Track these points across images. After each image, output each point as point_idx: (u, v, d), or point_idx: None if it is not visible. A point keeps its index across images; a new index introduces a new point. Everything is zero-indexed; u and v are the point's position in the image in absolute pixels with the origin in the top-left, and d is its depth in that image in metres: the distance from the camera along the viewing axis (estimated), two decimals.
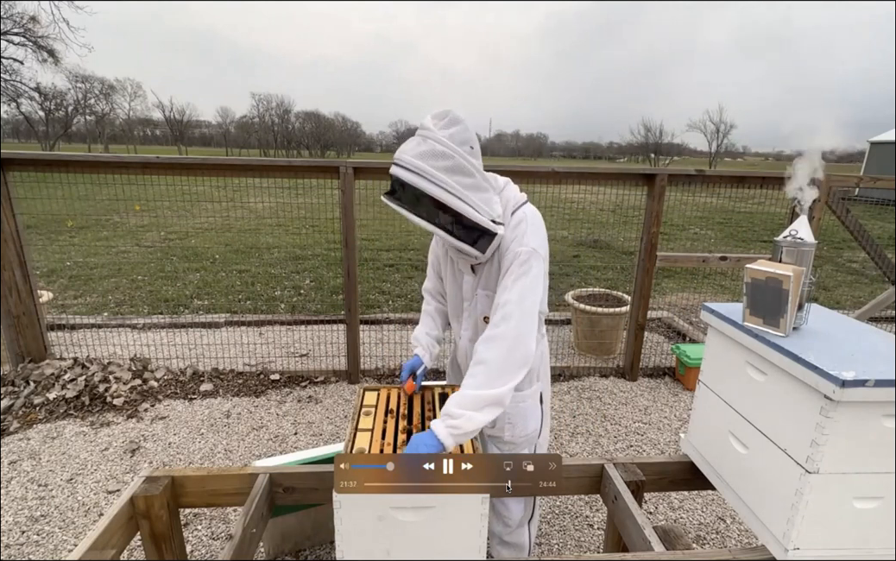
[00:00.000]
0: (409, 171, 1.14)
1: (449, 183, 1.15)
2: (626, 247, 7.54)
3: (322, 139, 73.42)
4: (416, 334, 1.63)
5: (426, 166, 1.14)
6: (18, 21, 26.84)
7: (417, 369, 1.55)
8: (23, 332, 3.16)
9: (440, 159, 1.15)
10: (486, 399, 1.20)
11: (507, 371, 1.22)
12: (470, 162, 1.18)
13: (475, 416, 1.18)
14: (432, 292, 1.67)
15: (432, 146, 1.15)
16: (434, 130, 1.17)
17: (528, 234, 1.29)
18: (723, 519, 2.24)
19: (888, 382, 1.06)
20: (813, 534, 1.18)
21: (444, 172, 1.15)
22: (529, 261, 1.26)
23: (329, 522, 1.99)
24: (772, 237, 1.42)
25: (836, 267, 7.37)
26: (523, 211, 1.34)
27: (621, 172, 3.40)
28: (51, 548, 1.98)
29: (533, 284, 1.27)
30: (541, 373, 1.54)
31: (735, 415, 1.40)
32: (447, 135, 1.16)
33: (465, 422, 1.17)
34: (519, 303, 1.24)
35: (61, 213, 3.43)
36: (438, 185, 1.14)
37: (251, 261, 6.63)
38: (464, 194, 1.17)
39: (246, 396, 3.19)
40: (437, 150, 1.15)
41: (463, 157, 1.16)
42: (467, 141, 1.19)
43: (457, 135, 1.17)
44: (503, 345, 1.23)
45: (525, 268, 1.26)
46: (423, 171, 1.14)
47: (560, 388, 3.41)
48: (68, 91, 48.02)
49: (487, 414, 1.20)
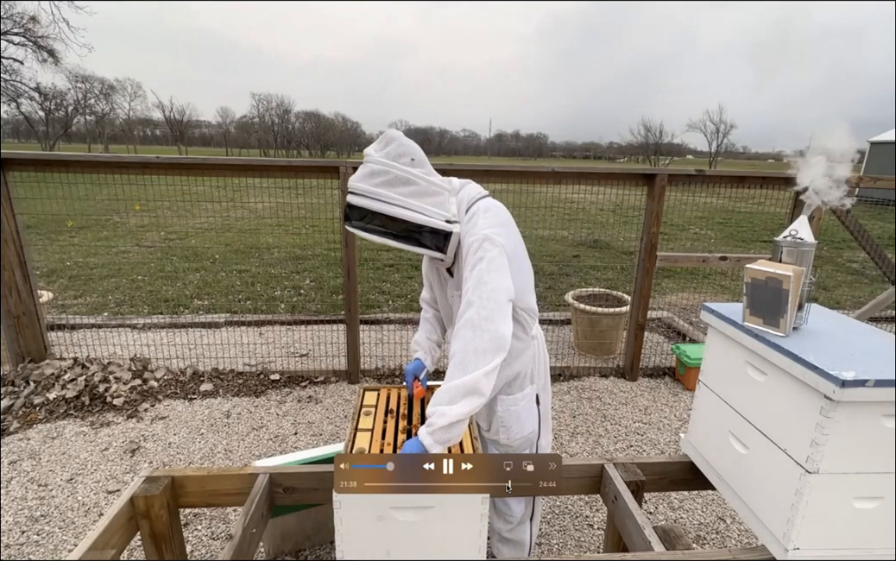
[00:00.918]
0: (355, 194, 1.26)
1: (390, 195, 1.25)
2: (626, 247, 7.54)
3: (322, 139, 73.46)
4: (417, 339, 1.65)
5: (367, 186, 1.25)
6: (18, 21, 26.86)
7: (420, 373, 1.55)
8: (23, 332, 3.16)
9: (379, 176, 1.25)
10: (459, 389, 1.18)
11: (475, 356, 1.20)
12: (409, 171, 1.27)
13: (448, 409, 1.17)
14: (429, 301, 1.71)
15: (371, 168, 1.26)
16: (373, 154, 1.29)
17: (479, 223, 1.32)
18: (723, 519, 2.24)
19: (888, 382, 1.06)
20: (813, 534, 1.18)
21: (384, 187, 1.25)
22: (483, 246, 1.27)
23: (329, 522, 1.99)
24: (772, 237, 1.42)
25: (836, 267, 7.37)
26: (477, 205, 1.38)
27: (621, 172, 3.40)
28: (51, 548, 1.98)
29: (489, 267, 1.26)
30: (535, 375, 1.54)
31: (735, 415, 1.40)
32: (383, 154, 1.28)
33: (437, 418, 1.17)
34: (477, 287, 1.25)
35: (61, 213, 3.43)
36: (379, 199, 1.24)
37: (251, 261, 6.62)
38: (406, 202, 1.26)
39: (246, 396, 3.19)
40: (375, 170, 1.26)
41: (399, 170, 1.26)
42: (404, 154, 1.29)
43: (392, 151, 1.28)
44: (467, 331, 1.23)
45: (479, 254, 1.27)
46: (365, 192, 1.25)
47: (560, 388, 3.41)
48: (68, 91, 48.10)
49: (464, 405, 1.18)
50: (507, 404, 1.49)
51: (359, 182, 1.26)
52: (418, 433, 1.19)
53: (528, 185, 3.45)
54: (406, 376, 1.54)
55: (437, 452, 1.17)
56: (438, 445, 1.17)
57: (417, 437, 1.19)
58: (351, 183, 1.26)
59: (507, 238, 1.33)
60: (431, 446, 1.16)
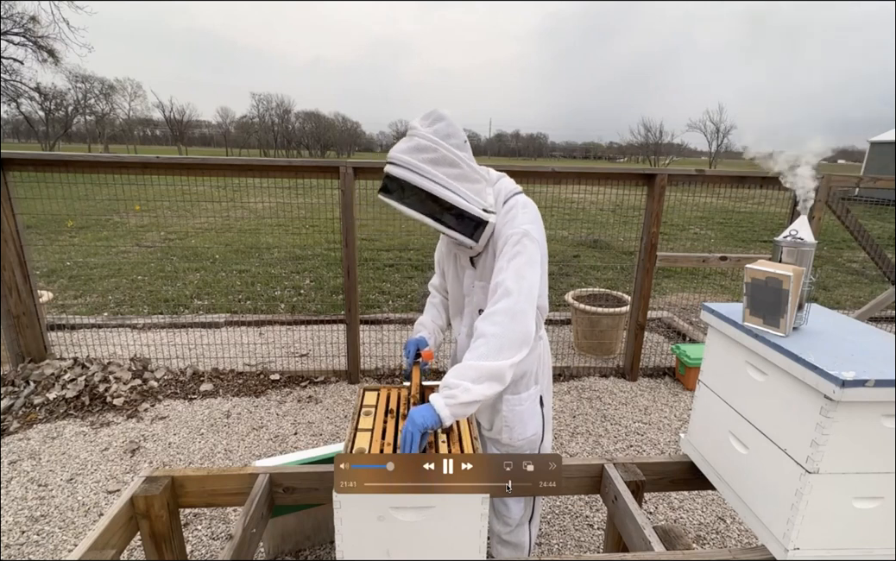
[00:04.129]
0: (398, 166, 1.21)
1: (434, 174, 1.22)
2: (626, 247, 7.54)
3: (322, 139, 73.45)
4: (422, 320, 1.63)
5: (413, 160, 1.21)
6: (18, 21, 26.84)
7: (422, 348, 1.52)
8: (23, 332, 3.16)
9: (425, 153, 1.22)
10: (485, 371, 1.18)
11: (507, 345, 1.20)
12: (455, 154, 1.24)
13: (472, 387, 1.16)
14: (438, 288, 1.70)
15: (418, 142, 1.22)
16: (420, 128, 1.25)
17: (519, 217, 1.32)
18: (723, 519, 2.24)
19: (888, 382, 1.06)
20: (813, 534, 1.17)
21: (430, 164, 1.22)
22: (522, 241, 1.27)
23: (329, 522, 1.99)
24: (772, 237, 1.42)
25: (836, 267, 7.37)
26: (515, 199, 1.37)
27: (621, 172, 3.40)
28: (51, 548, 1.98)
29: (529, 263, 1.27)
30: (540, 376, 1.53)
31: (735, 415, 1.40)
32: (432, 131, 1.24)
33: (461, 392, 1.15)
34: (517, 280, 1.24)
35: (61, 213, 3.44)
36: (424, 176, 1.21)
37: (251, 261, 6.62)
38: (450, 184, 1.23)
39: (246, 396, 3.19)
40: (423, 145, 1.22)
41: (447, 150, 1.23)
42: (452, 135, 1.25)
43: (441, 130, 1.25)
44: (503, 319, 1.22)
45: (519, 248, 1.27)
46: (409, 165, 1.21)
47: (560, 388, 3.41)
48: (68, 91, 48.09)
49: (486, 388, 1.18)
50: (511, 404, 1.48)
51: (404, 154, 1.22)
52: (431, 399, 1.17)
53: (528, 185, 3.44)
54: (408, 346, 1.50)
55: (448, 423, 1.15)
56: (451, 418, 1.16)
57: (430, 403, 1.16)
58: (394, 154, 1.23)
59: (542, 237, 1.35)
60: (445, 418, 1.15)
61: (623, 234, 6.79)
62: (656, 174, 3.20)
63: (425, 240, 7.63)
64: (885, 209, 10.93)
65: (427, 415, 1.15)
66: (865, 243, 3.60)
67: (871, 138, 20.41)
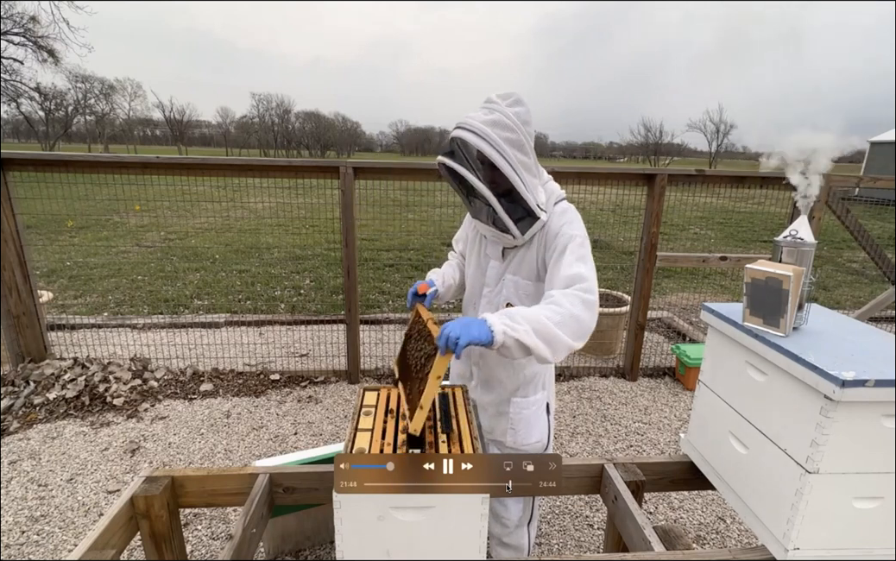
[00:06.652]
0: (476, 134, 1.19)
1: (509, 154, 1.20)
2: (626, 247, 7.53)
3: (322, 139, 73.48)
4: (435, 270, 1.61)
5: (492, 133, 1.18)
6: (18, 21, 26.85)
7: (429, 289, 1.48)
8: (23, 332, 3.16)
9: (505, 131, 1.20)
10: (548, 333, 1.12)
11: (573, 326, 1.15)
12: (529, 143, 1.23)
13: (532, 335, 1.11)
14: (457, 255, 1.68)
15: (500, 118, 1.20)
16: (502, 105, 1.22)
17: (576, 222, 1.32)
18: (723, 519, 2.24)
19: (888, 382, 1.06)
20: (813, 534, 1.17)
21: (507, 144, 1.20)
22: (586, 244, 1.28)
23: (329, 522, 1.99)
24: (772, 237, 1.42)
25: (836, 267, 7.37)
26: (566, 203, 1.37)
27: (621, 172, 3.40)
28: (51, 548, 1.98)
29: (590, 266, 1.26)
30: (547, 382, 1.53)
31: (735, 415, 1.40)
32: (513, 112, 1.21)
33: (522, 332, 1.10)
34: (594, 278, 1.23)
35: (61, 213, 3.44)
36: (501, 153, 1.19)
37: (251, 261, 6.62)
38: (518, 169, 1.22)
39: (246, 396, 3.19)
40: (504, 123, 1.20)
41: (525, 136, 1.22)
42: (529, 123, 1.24)
43: (521, 114, 1.23)
44: (584, 305, 1.18)
45: (584, 250, 1.27)
46: (488, 137, 1.18)
47: (560, 388, 3.41)
48: (68, 91, 48.13)
49: (541, 347, 1.12)
50: (519, 406, 1.47)
51: (482, 124, 1.18)
52: (488, 319, 1.11)
53: None
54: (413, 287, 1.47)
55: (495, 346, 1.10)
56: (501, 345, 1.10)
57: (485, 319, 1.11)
58: (473, 123, 1.19)
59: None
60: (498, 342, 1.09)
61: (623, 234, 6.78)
62: (656, 174, 3.20)
63: (425, 240, 7.63)
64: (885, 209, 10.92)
65: (482, 330, 1.09)
66: (865, 243, 3.60)
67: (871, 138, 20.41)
